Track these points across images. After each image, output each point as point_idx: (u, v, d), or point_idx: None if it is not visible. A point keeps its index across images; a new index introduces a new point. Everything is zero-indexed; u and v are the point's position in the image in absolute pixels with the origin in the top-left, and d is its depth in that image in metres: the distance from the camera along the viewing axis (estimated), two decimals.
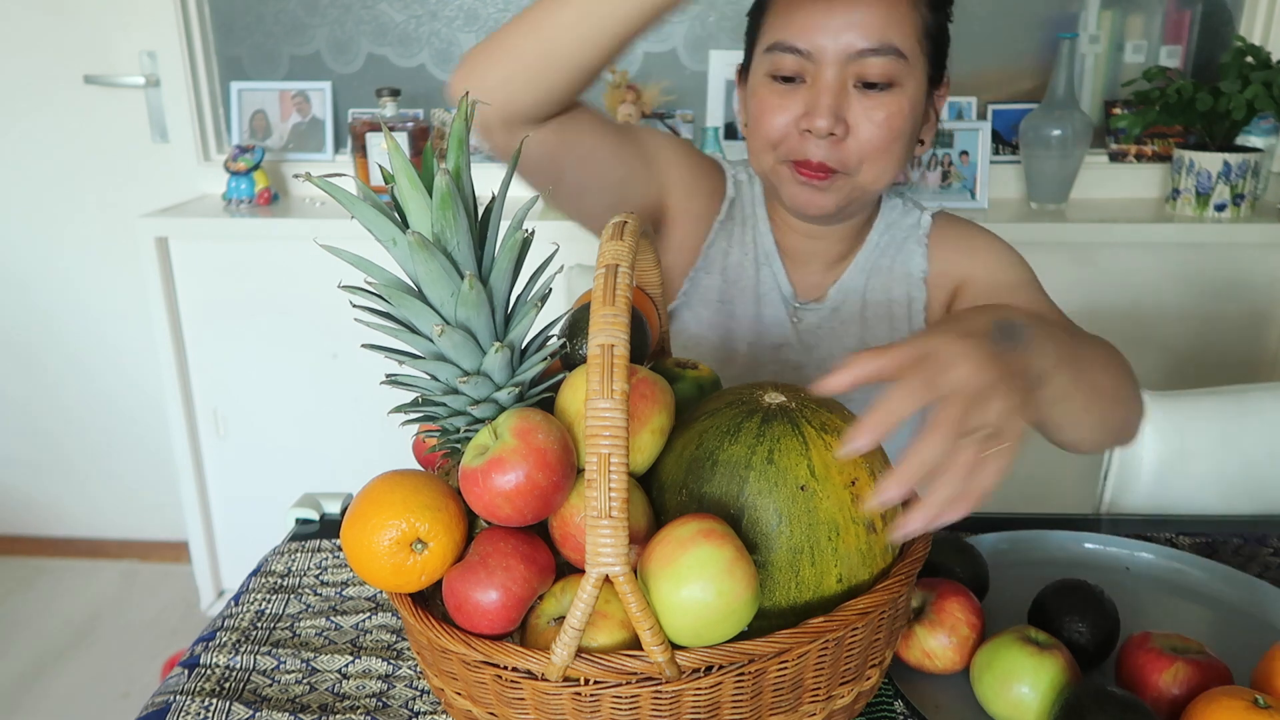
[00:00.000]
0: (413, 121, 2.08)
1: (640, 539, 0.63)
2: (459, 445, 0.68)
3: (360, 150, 2.08)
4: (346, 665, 0.82)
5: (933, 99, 0.97)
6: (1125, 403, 0.85)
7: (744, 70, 0.99)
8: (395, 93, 2.05)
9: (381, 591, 0.91)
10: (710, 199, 1.07)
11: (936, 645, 0.75)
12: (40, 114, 2.30)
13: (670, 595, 0.56)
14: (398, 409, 0.68)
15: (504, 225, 0.66)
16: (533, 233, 0.66)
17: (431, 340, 0.63)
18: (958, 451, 0.56)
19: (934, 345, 0.59)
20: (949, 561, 0.83)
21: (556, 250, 0.77)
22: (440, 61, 2.24)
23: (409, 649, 0.83)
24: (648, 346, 0.80)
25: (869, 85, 0.89)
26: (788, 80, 0.91)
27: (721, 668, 0.58)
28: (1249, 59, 1.89)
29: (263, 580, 0.94)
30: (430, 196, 0.61)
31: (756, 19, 0.96)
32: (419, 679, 0.80)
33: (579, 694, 0.58)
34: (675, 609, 0.56)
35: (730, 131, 2.15)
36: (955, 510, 0.56)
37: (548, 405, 0.68)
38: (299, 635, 0.86)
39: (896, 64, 0.88)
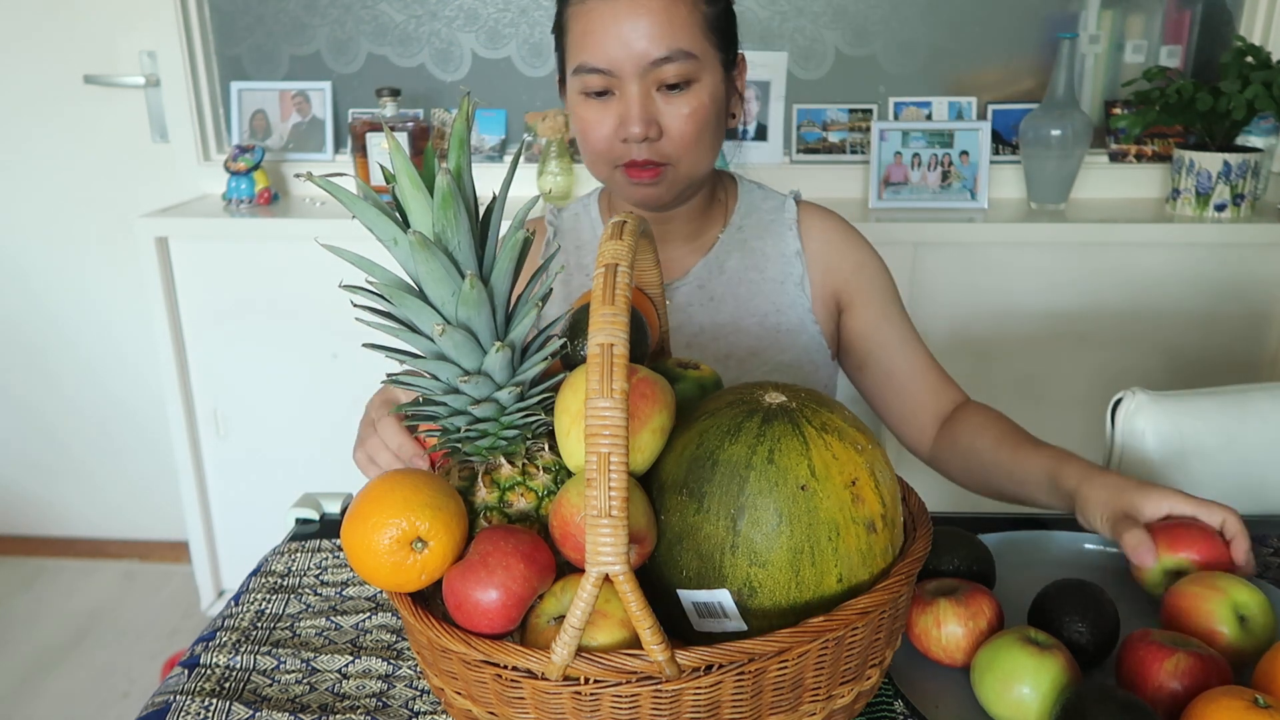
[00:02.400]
0: (413, 121, 2.08)
1: (640, 539, 0.63)
2: (459, 445, 0.68)
3: (360, 150, 2.08)
4: (346, 665, 0.82)
5: (732, 79, 1.06)
6: None
7: (561, 87, 1.07)
8: (395, 93, 2.05)
9: (381, 591, 0.91)
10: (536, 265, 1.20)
11: (952, 629, 0.75)
12: (40, 114, 2.30)
13: None
14: (399, 408, 0.68)
15: (505, 225, 0.66)
16: (534, 233, 0.66)
17: (432, 340, 0.63)
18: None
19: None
20: (957, 554, 0.83)
21: (557, 250, 0.77)
22: (440, 61, 2.24)
23: (409, 649, 0.83)
24: (647, 346, 0.80)
25: (670, 87, 0.98)
26: (599, 94, 1.00)
27: (721, 667, 0.58)
28: (1249, 59, 1.89)
29: (263, 580, 0.94)
30: (431, 196, 0.61)
31: (559, 39, 1.05)
32: (419, 679, 0.80)
33: (579, 693, 0.58)
34: None
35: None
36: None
37: (548, 405, 0.68)
38: (299, 635, 0.86)
39: (690, 64, 0.97)
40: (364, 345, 0.67)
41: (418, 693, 0.78)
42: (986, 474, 1.05)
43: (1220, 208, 1.96)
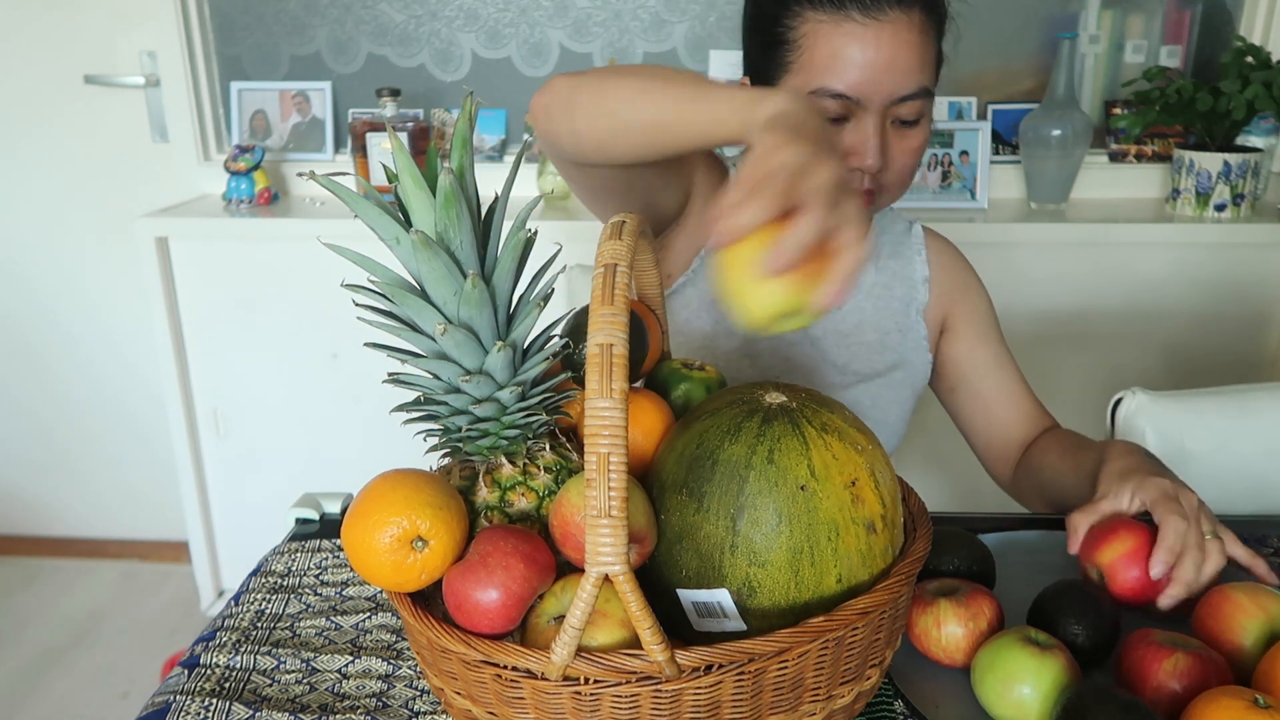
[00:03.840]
0: (413, 121, 2.08)
1: (640, 539, 0.63)
2: (460, 444, 0.68)
3: (360, 150, 2.08)
4: (346, 665, 0.82)
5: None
6: None
7: (754, 81, 1.03)
8: (395, 93, 2.05)
9: (381, 591, 0.91)
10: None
11: (952, 630, 0.75)
12: (40, 114, 2.30)
13: None
14: (399, 408, 0.68)
15: (507, 225, 0.66)
16: (535, 233, 0.66)
17: (434, 339, 0.63)
18: (1195, 540, 0.78)
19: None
20: (957, 554, 0.83)
21: (559, 250, 0.77)
22: (440, 61, 2.24)
23: (409, 649, 0.83)
24: (645, 353, 0.80)
25: (903, 123, 0.97)
26: (836, 119, 0.96)
27: (721, 667, 0.58)
28: (1249, 59, 1.89)
29: (263, 580, 0.94)
30: (434, 195, 0.61)
31: (782, 47, 0.97)
32: (419, 679, 0.80)
33: (579, 693, 0.58)
34: None
35: None
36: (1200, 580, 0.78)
37: (549, 405, 0.68)
38: (299, 635, 0.86)
39: (926, 102, 0.97)
40: (365, 344, 0.67)
41: (418, 693, 0.78)
42: (1057, 488, 1.03)
43: (1220, 208, 1.96)
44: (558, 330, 0.72)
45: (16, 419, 2.54)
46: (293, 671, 0.81)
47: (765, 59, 1.00)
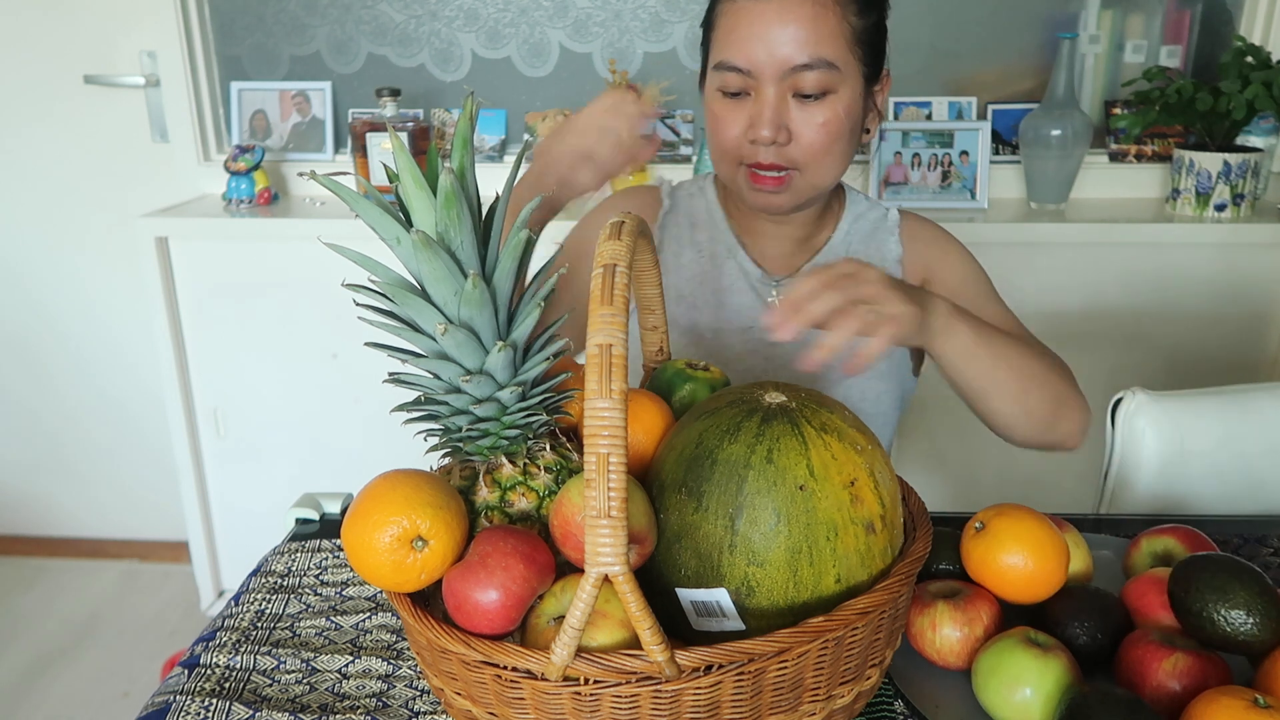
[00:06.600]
0: (413, 121, 2.08)
1: (640, 539, 0.63)
2: (460, 444, 0.68)
3: (360, 150, 2.08)
4: (346, 665, 0.82)
5: (872, 95, 1.05)
6: (1052, 395, 0.96)
7: (702, 80, 1.07)
8: (395, 93, 2.05)
9: (381, 591, 0.91)
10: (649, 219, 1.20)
11: (948, 632, 0.75)
12: (40, 114, 2.30)
13: None
14: (400, 408, 0.68)
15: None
16: (536, 233, 0.66)
17: (434, 339, 0.63)
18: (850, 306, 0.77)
19: (853, 267, 0.80)
20: (958, 555, 0.83)
21: (560, 250, 0.77)
22: (440, 61, 2.24)
23: (409, 649, 0.83)
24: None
25: (806, 96, 0.97)
26: (734, 95, 1.00)
27: (721, 667, 0.58)
28: (1249, 59, 1.89)
29: (263, 580, 0.94)
30: (434, 195, 0.61)
31: (707, 34, 1.05)
32: (419, 679, 0.80)
33: (579, 693, 0.58)
34: None
35: None
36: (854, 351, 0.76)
37: (550, 405, 0.68)
38: (299, 635, 0.86)
39: (829, 75, 0.97)
40: (366, 344, 0.67)
41: (418, 693, 0.78)
42: None
43: (1220, 208, 1.96)
44: (558, 330, 0.72)
45: (17, 419, 2.54)
46: (293, 671, 0.81)
47: (703, 49, 1.06)
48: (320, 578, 0.95)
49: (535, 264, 0.69)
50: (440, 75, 2.25)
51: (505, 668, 0.59)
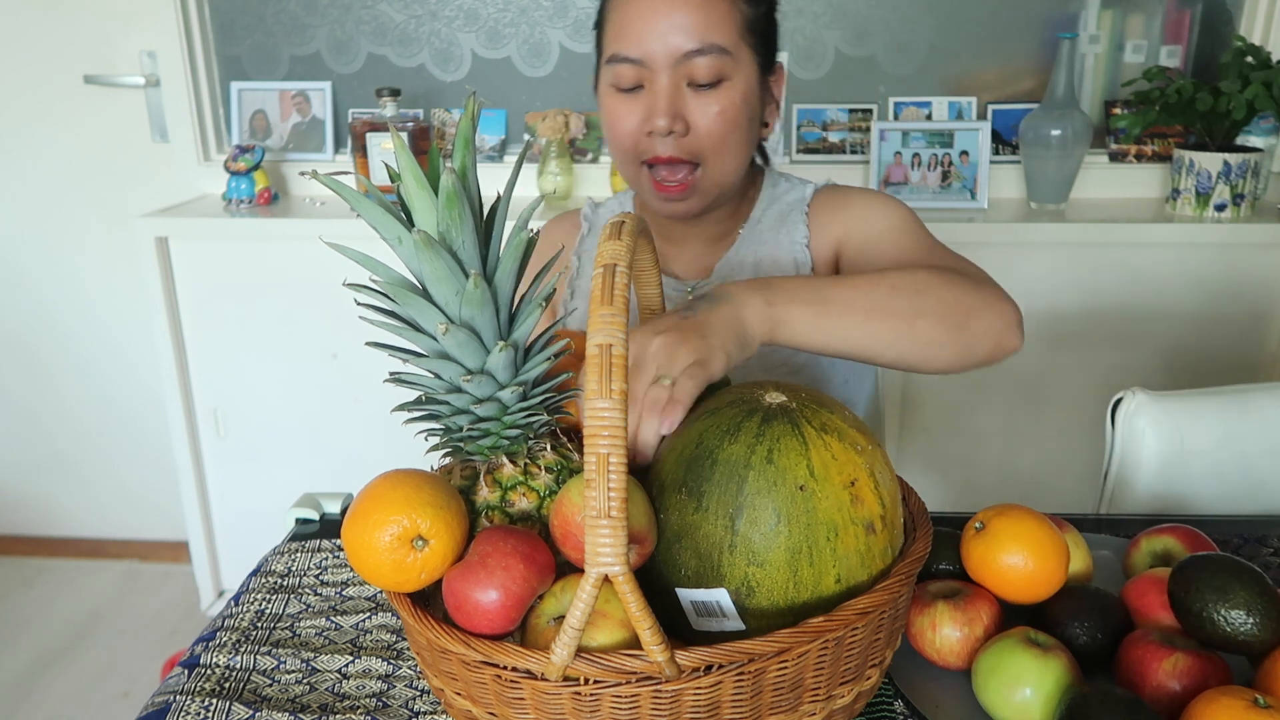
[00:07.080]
0: (413, 121, 2.08)
1: (640, 539, 0.63)
2: (461, 444, 0.68)
3: (360, 150, 2.08)
4: (346, 665, 0.82)
5: (769, 85, 1.05)
6: (949, 313, 0.86)
7: (596, 83, 1.06)
8: (395, 93, 2.05)
9: (381, 591, 0.91)
10: (569, 247, 1.19)
11: (947, 633, 0.75)
12: (40, 114, 2.30)
13: None
14: (400, 407, 0.68)
15: (509, 225, 0.66)
16: (537, 233, 0.66)
17: (435, 339, 0.63)
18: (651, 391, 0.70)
19: (635, 352, 0.73)
20: (959, 555, 0.83)
21: (561, 250, 0.77)
22: (440, 61, 2.24)
23: (409, 649, 0.83)
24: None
25: (701, 85, 0.97)
26: (629, 90, 0.99)
27: (721, 667, 0.58)
28: (1249, 59, 1.89)
29: (263, 580, 0.94)
30: (436, 195, 0.61)
31: (598, 35, 1.04)
32: (419, 679, 0.80)
33: (579, 694, 0.58)
34: None
35: None
36: (665, 421, 0.69)
37: (550, 405, 0.68)
38: (299, 635, 0.86)
39: (722, 61, 0.96)
40: (367, 344, 0.67)
41: (418, 693, 0.78)
42: None
43: (1220, 208, 1.96)
44: (558, 330, 0.72)
45: (17, 419, 2.54)
46: (293, 671, 0.81)
47: (596, 51, 1.05)
48: (320, 578, 0.95)
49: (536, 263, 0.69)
50: (440, 75, 2.25)
51: (505, 668, 0.59)
